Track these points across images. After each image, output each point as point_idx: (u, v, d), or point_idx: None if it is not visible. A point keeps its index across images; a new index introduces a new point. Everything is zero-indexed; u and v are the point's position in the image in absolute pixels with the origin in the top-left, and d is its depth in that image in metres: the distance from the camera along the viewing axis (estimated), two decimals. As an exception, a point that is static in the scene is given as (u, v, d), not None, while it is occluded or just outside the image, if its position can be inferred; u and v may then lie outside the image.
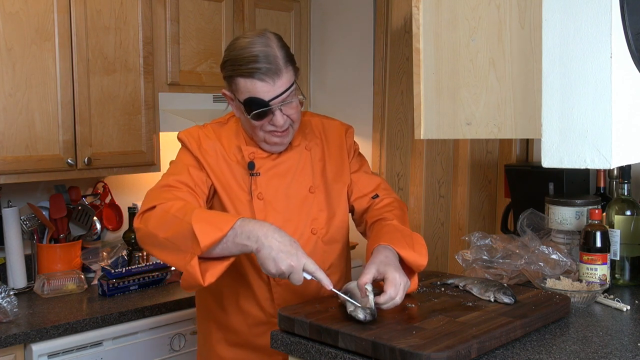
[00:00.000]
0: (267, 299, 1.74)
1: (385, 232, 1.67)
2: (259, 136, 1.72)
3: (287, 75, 1.65)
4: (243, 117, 1.72)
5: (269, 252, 1.44)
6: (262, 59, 1.61)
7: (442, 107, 1.51)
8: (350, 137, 1.92)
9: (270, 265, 1.44)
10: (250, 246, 1.45)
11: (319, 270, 1.47)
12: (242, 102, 1.66)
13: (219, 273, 1.48)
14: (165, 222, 1.53)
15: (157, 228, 1.54)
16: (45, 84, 2.43)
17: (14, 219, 2.55)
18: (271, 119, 1.67)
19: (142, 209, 1.62)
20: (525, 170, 2.42)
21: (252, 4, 3.09)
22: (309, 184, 1.79)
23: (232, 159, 1.76)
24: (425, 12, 1.53)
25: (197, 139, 1.76)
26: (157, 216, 1.56)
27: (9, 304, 2.22)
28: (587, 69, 1.17)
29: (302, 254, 1.46)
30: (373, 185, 1.88)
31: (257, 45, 1.63)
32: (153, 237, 1.55)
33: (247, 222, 1.48)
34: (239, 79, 1.65)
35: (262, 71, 1.61)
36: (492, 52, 1.42)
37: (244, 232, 1.46)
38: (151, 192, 1.67)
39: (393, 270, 1.49)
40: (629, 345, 1.43)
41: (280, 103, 1.65)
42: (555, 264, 1.91)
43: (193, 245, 1.45)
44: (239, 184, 1.74)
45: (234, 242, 1.46)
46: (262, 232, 1.45)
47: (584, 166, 1.19)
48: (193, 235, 1.44)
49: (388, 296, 1.45)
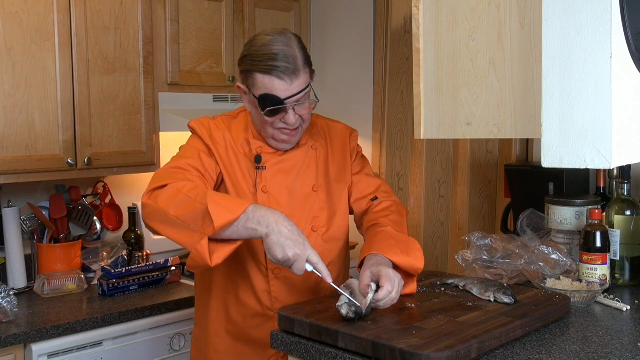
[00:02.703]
0: (264, 291, 1.76)
1: (377, 239, 1.70)
2: (268, 132, 1.75)
3: (304, 76, 1.68)
4: (255, 112, 1.75)
5: (278, 237, 1.48)
6: (282, 57, 1.64)
7: (442, 107, 1.52)
8: (355, 140, 1.95)
9: (278, 251, 1.48)
10: (260, 231, 1.49)
11: (321, 263, 1.52)
12: (258, 97, 1.69)
13: (226, 255, 1.52)
14: (177, 200, 1.55)
15: (168, 205, 1.56)
16: (45, 84, 2.43)
17: (14, 219, 2.55)
18: (283, 117, 1.70)
19: (151, 186, 1.63)
20: (525, 170, 2.42)
21: (252, 4, 3.09)
22: (312, 183, 1.82)
23: (240, 151, 1.79)
24: (425, 12, 1.53)
25: (208, 128, 1.79)
26: (169, 194, 1.58)
27: (9, 304, 2.22)
28: (587, 69, 1.17)
29: (309, 245, 1.52)
30: (373, 187, 1.90)
31: (279, 44, 1.66)
32: (162, 214, 1.56)
33: (259, 208, 1.52)
34: (257, 74, 1.67)
35: (281, 69, 1.64)
36: (492, 52, 1.42)
37: (256, 217, 1.50)
38: (161, 172, 1.69)
39: (386, 268, 1.56)
40: (629, 345, 1.43)
41: (294, 102, 1.68)
42: (555, 264, 1.91)
43: (204, 226, 1.49)
44: (244, 177, 1.77)
45: (244, 226, 1.50)
46: (273, 219, 1.50)
47: (584, 166, 1.19)
48: (205, 215, 1.48)
49: (386, 291, 1.50)
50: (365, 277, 1.55)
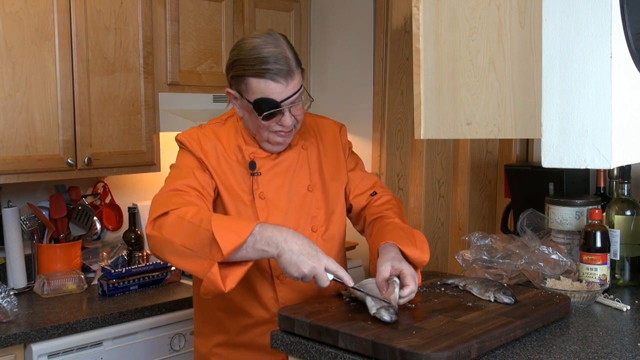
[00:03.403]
0: (271, 298, 1.75)
1: (388, 230, 1.70)
2: (263, 136, 1.73)
3: (297, 76, 1.66)
4: (248, 117, 1.72)
5: (290, 256, 1.45)
6: (275, 59, 1.62)
7: (442, 107, 1.51)
8: (345, 135, 1.93)
9: (293, 269, 1.46)
10: (270, 252, 1.47)
11: (340, 269, 1.50)
12: (252, 102, 1.66)
13: (238, 278, 1.49)
14: (181, 228, 1.52)
15: (173, 235, 1.53)
16: (45, 84, 2.43)
17: (14, 219, 2.55)
18: (280, 120, 1.68)
19: (152, 215, 1.59)
20: (525, 170, 2.42)
21: (252, 4, 3.09)
22: (307, 183, 1.81)
23: (233, 159, 1.76)
24: (425, 12, 1.53)
25: (197, 140, 1.75)
26: (172, 222, 1.54)
27: (9, 304, 2.22)
28: (587, 69, 1.17)
29: (322, 254, 1.49)
30: (370, 183, 1.90)
31: (269, 46, 1.63)
32: (169, 244, 1.53)
33: (266, 227, 1.49)
34: (250, 79, 1.64)
35: (275, 72, 1.61)
36: (492, 52, 1.42)
37: (264, 238, 1.47)
38: (159, 197, 1.65)
39: (407, 266, 1.56)
40: (629, 345, 1.43)
41: (290, 104, 1.66)
42: (555, 264, 1.91)
43: (212, 252, 1.46)
44: (239, 185, 1.74)
45: (253, 248, 1.47)
46: (281, 238, 1.47)
47: (584, 166, 1.19)
48: (212, 242, 1.45)
49: (410, 289, 1.51)
50: (386, 269, 1.54)
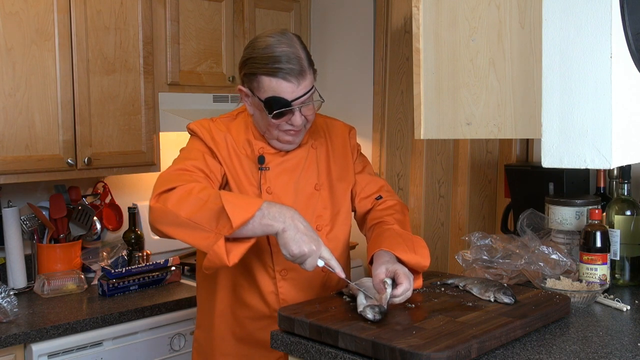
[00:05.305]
0: (271, 292, 1.76)
1: (385, 237, 1.71)
2: (272, 134, 1.74)
3: (309, 76, 1.68)
4: (259, 114, 1.74)
5: (295, 233, 1.50)
6: (288, 59, 1.63)
7: (442, 107, 1.51)
8: (354, 137, 1.95)
9: (293, 246, 1.49)
10: (276, 226, 1.50)
11: (334, 259, 1.55)
12: (263, 100, 1.67)
13: (242, 253, 1.52)
14: (188, 201, 1.54)
15: (179, 207, 1.54)
16: (45, 84, 2.43)
17: (14, 219, 2.55)
18: (290, 119, 1.69)
19: (158, 190, 1.61)
20: (525, 170, 2.42)
21: (252, 4, 3.09)
22: (314, 182, 1.82)
23: (242, 153, 1.78)
24: (425, 12, 1.53)
25: (208, 130, 1.78)
26: (178, 196, 1.56)
27: (9, 304, 2.22)
28: (587, 69, 1.17)
29: (322, 241, 1.54)
30: (377, 187, 1.91)
31: (282, 45, 1.65)
32: (173, 216, 1.55)
33: (273, 204, 1.54)
34: (262, 77, 1.66)
35: (287, 71, 1.63)
36: (492, 52, 1.42)
37: (271, 213, 1.51)
38: (166, 174, 1.67)
39: (401, 266, 1.58)
40: (629, 345, 1.43)
41: (301, 104, 1.67)
42: (555, 264, 1.91)
43: (219, 226, 1.49)
44: (247, 178, 1.76)
45: (260, 223, 1.50)
46: (289, 214, 1.52)
47: (584, 166, 1.19)
48: (220, 216, 1.48)
49: (404, 287, 1.53)
50: (381, 272, 1.56)
